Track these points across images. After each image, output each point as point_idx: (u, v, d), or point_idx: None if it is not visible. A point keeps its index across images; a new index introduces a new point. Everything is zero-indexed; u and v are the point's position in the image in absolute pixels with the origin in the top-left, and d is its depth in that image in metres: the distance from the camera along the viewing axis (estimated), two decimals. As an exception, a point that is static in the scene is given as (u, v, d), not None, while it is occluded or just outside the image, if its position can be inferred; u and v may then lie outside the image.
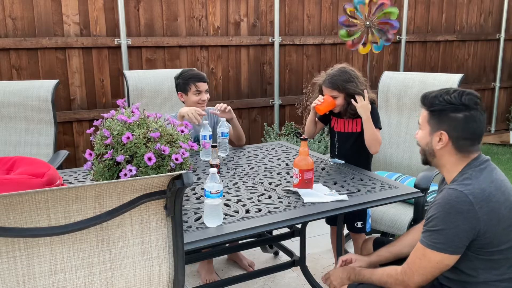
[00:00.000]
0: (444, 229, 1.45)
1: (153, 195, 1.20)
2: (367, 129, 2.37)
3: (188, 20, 4.24)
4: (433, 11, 5.54)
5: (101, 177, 1.69)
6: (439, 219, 1.46)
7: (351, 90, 2.36)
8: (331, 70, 2.43)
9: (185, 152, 1.71)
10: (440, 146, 1.56)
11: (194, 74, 2.75)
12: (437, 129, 1.56)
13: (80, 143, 4.00)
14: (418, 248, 1.54)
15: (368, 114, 2.35)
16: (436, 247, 1.48)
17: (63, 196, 1.08)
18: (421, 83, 3.06)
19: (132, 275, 1.23)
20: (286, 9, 4.68)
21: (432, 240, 1.48)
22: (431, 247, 1.49)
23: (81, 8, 3.81)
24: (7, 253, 1.08)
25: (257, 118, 4.77)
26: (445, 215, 1.45)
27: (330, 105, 2.40)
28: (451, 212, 1.44)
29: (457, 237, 1.45)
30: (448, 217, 1.45)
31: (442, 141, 1.55)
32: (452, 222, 1.44)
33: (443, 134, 1.55)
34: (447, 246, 1.46)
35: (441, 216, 1.46)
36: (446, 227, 1.45)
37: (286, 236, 2.79)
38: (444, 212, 1.46)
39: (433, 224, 1.48)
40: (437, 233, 1.47)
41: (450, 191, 1.48)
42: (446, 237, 1.46)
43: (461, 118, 1.52)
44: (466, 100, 1.52)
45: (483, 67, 6.11)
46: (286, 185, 2.11)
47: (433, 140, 1.58)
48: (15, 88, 3.00)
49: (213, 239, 1.58)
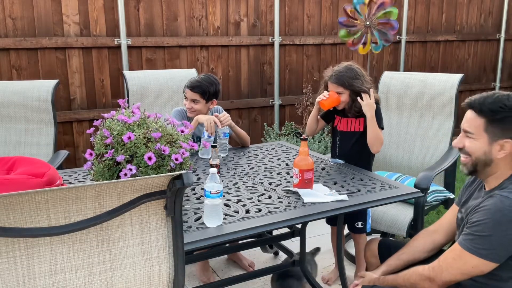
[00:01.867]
0: (491, 236, 1.41)
1: (153, 195, 1.20)
2: (371, 128, 2.37)
3: (188, 20, 4.24)
4: (433, 11, 5.54)
5: (101, 177, 1.69)
6: (487, 226, 1.42)
7: (356, 88, 2.37)
8: (338, 67, 2.44)
9: (185, 152, 1.71)
10: (502, 155, 1.48)
11: (190, 80, 2.73)
12: (500, 138, 1.47)
13: (80, 143, 4.00)
14: (456, 249, 1.50)
15: (372, 113, 2.36)
16: (477, 252, 1.44)
17: (63, 196, 1.08)
18: (421, 83, 3.05)
19: (132, 275, 1.23)
20: (286, 9, 4.68)
21: (475, 244, 1.45)
22: (472, 251, 1.45)
23: (81, 8, 3.81)
24: (7, 253, 1.08)
25: (257, 118, 4.77)
26: (495, 223, 1.41)
27: (334, 101, 2.41)
28: (503, 221, 1.40)
29: (503, 246, 1.41)
30: (498, 225, 1.40)
31: (505, 150, 1.48)
32: (501, 230, 1.40)
33: (507, 142, 1.47)
34: (489, 253, 1.43)
35: (491, 223, 1.41)
36: (494, 234, 1.41)
37: (286, 236, 2.78)
38: (494, 219, 1.41)
39: (480, 229, 1.44)
40: (482, 239, 1.43)
41: (503, 199, 1.42)
42: (491, 244, 1.42)
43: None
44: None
45: (483, 67, 6.11)
46: (286, 185, 2.11)
47: (493, 149, 1.49)
48: (15, 88, 3.00)
49: (213, 239, 1.58)
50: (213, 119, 2.55)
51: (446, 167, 2.63)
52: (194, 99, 2.68)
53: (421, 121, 3.03)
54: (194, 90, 2.67)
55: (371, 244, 2.03)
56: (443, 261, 1.54)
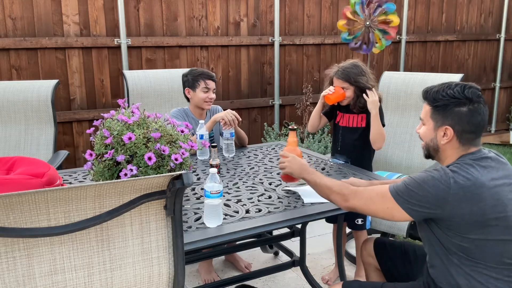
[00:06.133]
0: (413, 191, 1.50)
1: (153, 195, 1.19)
2: (374, 125, 2.40)
3: (188, 20, 4.24)
4: (433, 11, 5.54)
5: (101, 177, 1.69)
6: (416, 182, 1.51)
7: (361, 84, 2.41)
8: (344, 63, 2.49)
9: (185, 152, 1.71)
10: (445, 141, 1.57)
11: (205, 71, 2.79)
12: (442, 124, 1.56)
13: (80, 143, 4.00)
14: (383, 188, 1.58)
15: (377, 110, 2.40)
16: (397, 198, 1.53)
17: (63, 196, 1.08)
18: (421, 83, 3.06)
19: (132, 275, 1.23)
20: (286, 9, 4.68)
21: (399, 191, 1.53)
22: (393, 195, 1.54)
23: (81, 8, 3.81)
24: (7, 253, 1.08)
25: (257, 118, 4.77)
26: (422, 181, 1.50)
27: (340, 96, 2.44)
28: (429, 183, 1.48)
29: (418, 203, 1.49)
30: (423, 185, 1.49)
31: (447, 136, 1.56)
32: (423, 189, 1.48)
33: (448, 129, 1.55)
34: (405, 202, 1.51)
35: (420, 181, 1.50)
36: (416, 191, 1.50)
37: (286, 236, 2.79)
38: (423, 179, 1.50)
39: (409, 182, 1.53)
40: (407, 189, 1.52)
41: (441, 169, 1.51)
42: (410, 197, 1.51)
43: (466, 112, 1.53)
44: (469, 93, 1.53)
45: (483, 67, 6.11)
46: (287, 185, 2.11)
47: (438, 135, 1.58)
48: (15, 88, 3.00)
49: (213, 239, 1.58)
50: (231, 113, 2.60)
51: (446, 167, 2.62)
52: (214, 88, 2.79)
53: (421, 121, 3.03)
54: (214, 79, 2.79)
55: (367, 243, 2.05)
56: (367, 191, 1.62)
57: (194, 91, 2.74)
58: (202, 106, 2.75)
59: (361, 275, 2.60)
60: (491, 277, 1.51)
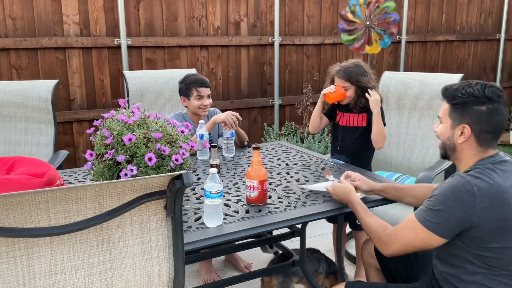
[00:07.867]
0: (439, 210, 1.45)
1: (153, 195, 1.19)
2: (376, 124, 2.40)
3: (188, 20, 4.24)
4: (433, 11, 5.54)
5: (101, 177, 1.69)
6: (438, 200, 1.47)
7: (363, 84, 2.42)
8: (346, 63, 2.49)
9: (185, 153, 1.71)
10: (462, 140, 1.53)
11: (197, 79, 2.76)
12: (459, 123, 1.52)
13: (80, 143, 4.00)
14: (411, 219, 1.54)
15: (379, 109, 2.40)
16: (427, 224, 1.48)
17: (63, 196, 1.08)
18: (421, 83, 3.05)
19: (132, 275, 1.23)
20: (286, 9, 4.68)
21: (426, 216, 1.49)
22: (422, 223, 1.49)
23: (81, 8, 3.81)
24: (7, 253, 1.08)
25: (257, 118, 4.77)
26: (444, 198, 1.45)
27: (340, 95, 2.44)
28: (451, 197, 1.44)
29: (448, 221, 1.45)
30: (447, 201, 1.45)
31: (464, 135, 1.52)
32: (449, 206, 1.44)
33: (465, 127, 1.51)
34: (436, 226, 1.47)
35: (441, 197, 1.46)
36: (442, 209, 1.45)
37: (286, 236, 2.78)
38: (445, 194, 1.45)
39: (432, 203, 1.48)
40: (432, 212, 1.47)
41: (459, 178, 1.47)
42: (439, 218, 1.46)
43: (485, 111, 1.49)
44: (489, 92, 1.49)
45: (483, 67, 6.11)
46: (287, 185, 2.10)
47: (455, 134, 1.54)
48: (15, 88, 3.00)
49: (213, 239, 1.58)
50: (232, 114, 2.60)
51: (446, 167, 2.62)
52: (209, 94, 2.77)
53: (421, 121, 3.03)
54: (207, 85, 2.76)
55: (367, 243, 2.04)
56: (400, 230, 1.58)
57: (188, 99, 2.74)
58: (198, 113, 2.75)
59: (361, 275, 2.60)
60: (501, 283, 1.48)
